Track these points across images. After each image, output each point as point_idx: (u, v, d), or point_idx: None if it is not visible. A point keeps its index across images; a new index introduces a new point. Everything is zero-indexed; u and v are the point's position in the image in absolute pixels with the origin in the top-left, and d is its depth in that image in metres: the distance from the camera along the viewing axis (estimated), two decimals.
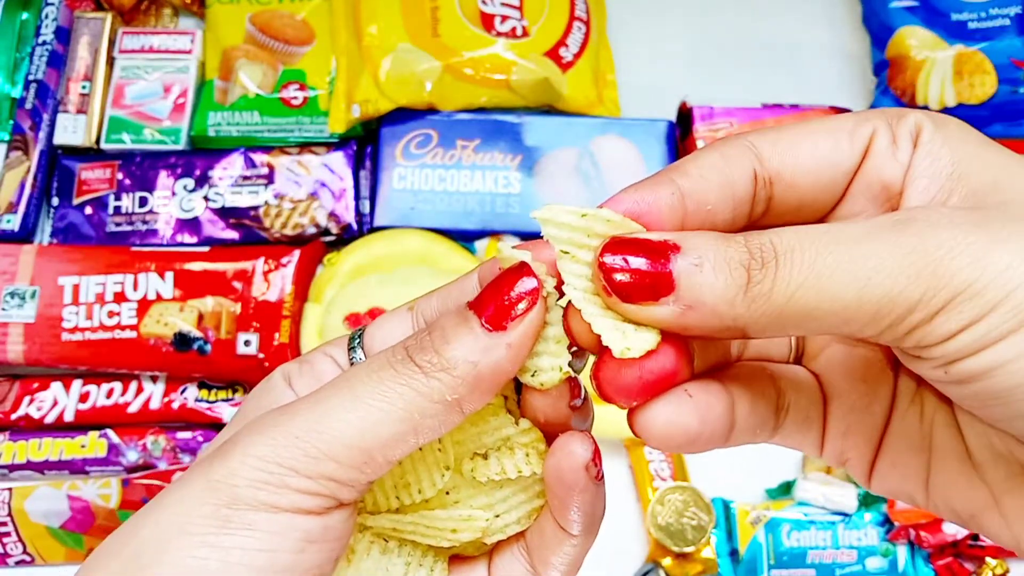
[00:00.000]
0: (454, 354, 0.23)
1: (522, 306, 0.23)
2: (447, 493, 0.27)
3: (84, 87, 0.74)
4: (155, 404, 0.67)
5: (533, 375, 0.24)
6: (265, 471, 0.22)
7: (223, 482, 0.22)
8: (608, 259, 0.22)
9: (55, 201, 0.72)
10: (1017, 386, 0.20)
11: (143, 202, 0.71)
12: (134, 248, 0.69)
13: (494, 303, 0.23)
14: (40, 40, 0.74)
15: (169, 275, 0.67)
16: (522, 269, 0.24)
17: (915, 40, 0.75)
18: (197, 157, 0.72)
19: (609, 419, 0.66)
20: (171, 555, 0.22)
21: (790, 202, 0.25)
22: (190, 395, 0.67)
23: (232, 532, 0.22)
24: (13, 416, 0.66)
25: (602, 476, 0.26)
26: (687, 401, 0.24)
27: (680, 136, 0.74)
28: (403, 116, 0.72)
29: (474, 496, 0.27)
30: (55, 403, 0.66)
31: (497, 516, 0.27)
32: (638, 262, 0.22)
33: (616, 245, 0.22)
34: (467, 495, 0.27)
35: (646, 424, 0.24)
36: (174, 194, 0.71)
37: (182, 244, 0.70)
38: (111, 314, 0.66)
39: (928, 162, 0.24)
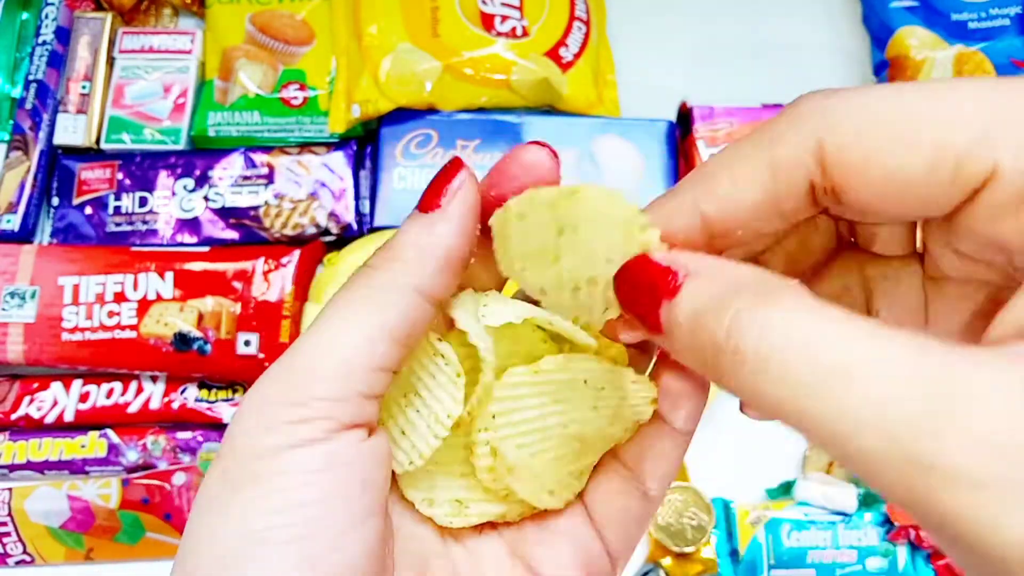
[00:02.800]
0: (400, 241, 0.24)
1: (453, 187, 0.24)
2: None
3: (84, 87, 0.74)
4: (155, 404, 0.67)
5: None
6: (256, 415, 0.22)
7: (225, 448, 0.22)
8: (620, 283, 0.23)
9: (55, 201, 0.72)
10: None
11: (143, 202, 0.71)
12: (134, 248, 0.69)
13: (428, 192, 0.24)
14: (40, 40, 0.74)
15: (169, 275, 0.67)
16: (453, 163, 0.24)
17: (915, 40, 0.75)
18: (197, 157, 0.72)
19: None
20: (198, 536, 0.22)
21: (861, 216, 0.22)
22: (190, 395, 0.67)
23: (240, 490, 0.22)
24: (13, 416, 0.66)
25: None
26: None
27: (680, 136, 0.74)
28: (403, 116, 0.72)
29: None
30: (55, 403, 0.66)
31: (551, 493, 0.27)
32: (638, 297, 0.22)
33: (630, 270, 0.22)
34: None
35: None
36: (174, 194, 0.71)
37: (182, 244, 0.70)
38: (111, 314, 0.66)
39: None
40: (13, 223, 0.70)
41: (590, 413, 0.26)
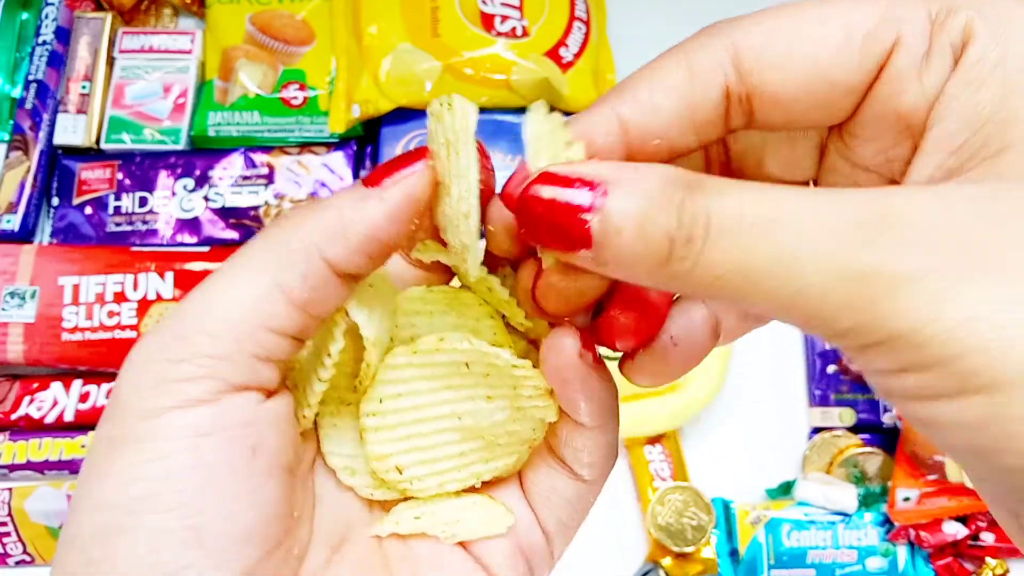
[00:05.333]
0: (322, 204, 0.22)
1: (405, 173, 0.22)
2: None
3: (84, 87, 0.74)
4: None
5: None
6: (141, 372, 0.21)
7: (109, 407, 0.21)
8: (531, 192, 0.20)
9: (55, 201, 0.72)
10: (962, 449, 0.17)
11: (143, 202, 0.71)
12: (134, 248, 0.69)
13: (379, 169, 0.22)
14: (40, 40, 0.74)
15: (169, 275, 0.67)
16: (418, 152, 0.22)
17: None
18: (197, 157, 0.72)
19: None
20: (80, 500, 0.21)
21: (776, 118, 0.21)
22: None
23: (121, 453, 0.20)
24: (13, 416, 0.66)
25: (600, 359, 0.23)
26: (672, 350, 0.23)
27: None
28: (403, 116, 0.72)
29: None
30: (55, 403, 0.66)
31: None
32: (554, 210, 0.19)
33: (537, 184, 0.20)
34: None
35: (637, 376, 0.23)
36: (174, 194, 0.71)
37: (182, 244, 0.70)
38: (111, 314, 0.66)
39: (966, 95, 0.19)
40: (13, 223, 0.70)
41: (484, 404, 0.24)
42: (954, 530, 0.64)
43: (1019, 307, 0.16)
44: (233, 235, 0.71)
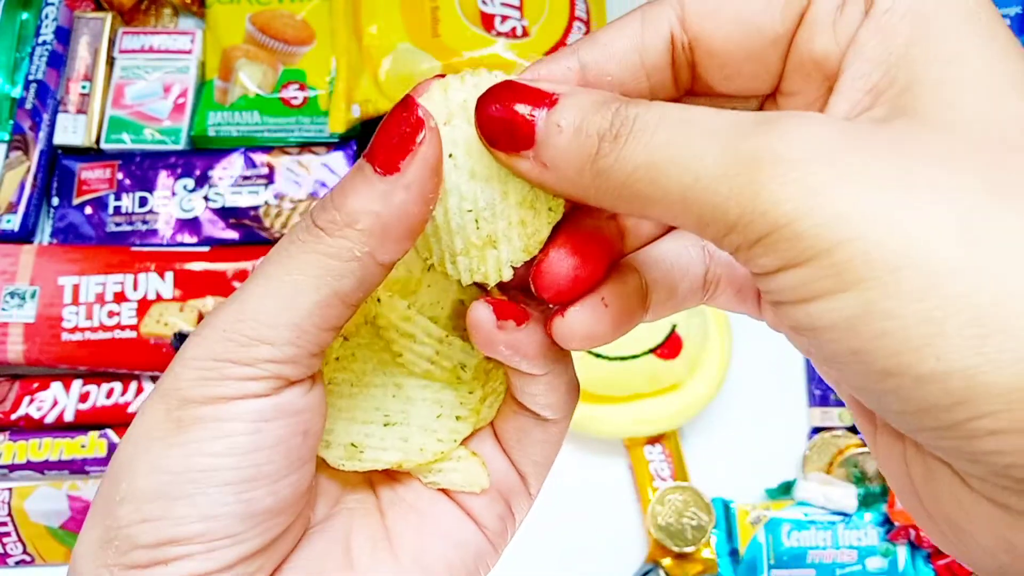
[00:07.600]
0: (354, 207, 0.22)
1: (414, 144, 0.22)
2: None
3: (84, 87, 0.74)
4: None
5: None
6: (204, 368, 0.22)
7: (170, 389, 0.23)
8: (485, 100, 0.22)
9: (55, 201, 0.72)
10: (840, 354, 0.17)
11: (143, 202, 0.71)
12: (134, 248, 0.69)
13: (384, 146, 0.22)
14: (40, 40, 0.74)
15: (169, 275, 0.67)
16: (407, 105, 0.22)
17: None
18: (197, 157, 0.72)
19: (609, 419, 0.66)
20: (137, 464, 0.23)
21: (716, 74, 0.23)
22: None
23: (186, 429, 0.22)
24: (13, 416, 0.66)
25: (525, 313, 0.24)
26: (603, 311, 0.24)
27: None
28: None
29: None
30: (55, 403, 0.66)
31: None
32: (508, 109, 0.21)
33: (498, 89, 0.22)
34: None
35: (561, 333, 0.24)
36: (174, 194, 0.71)
37: (182, 244, 0.70)
38: (111, 314, 0.66)
39: (877, 40, 0.20)
40: (13, 223, 0.70)
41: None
42: None
43: (893, 202, 0.16)
44: (233, 235, 0.71)
